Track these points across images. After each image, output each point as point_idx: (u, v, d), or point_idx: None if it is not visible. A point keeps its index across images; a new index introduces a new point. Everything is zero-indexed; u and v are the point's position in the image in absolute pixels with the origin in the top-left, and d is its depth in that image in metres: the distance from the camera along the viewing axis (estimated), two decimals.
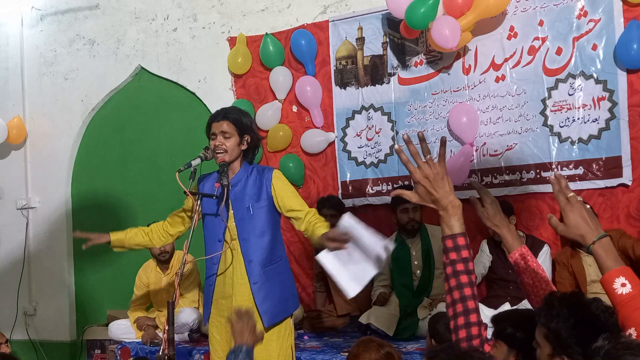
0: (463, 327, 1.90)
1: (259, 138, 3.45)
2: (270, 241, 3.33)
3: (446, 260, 1.97)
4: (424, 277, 4.82)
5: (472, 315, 1.91)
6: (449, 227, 1.97)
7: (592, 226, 1.90)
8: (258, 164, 3.52)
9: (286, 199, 3.30)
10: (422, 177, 1.98)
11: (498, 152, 4.87)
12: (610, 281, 1.82)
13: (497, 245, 4.60)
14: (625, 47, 4.41)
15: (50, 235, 6.64)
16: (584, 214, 1.91)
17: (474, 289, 1.95)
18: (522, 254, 2.37)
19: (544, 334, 1.93)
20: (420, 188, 1.99)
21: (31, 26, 6.80)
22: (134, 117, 6.38)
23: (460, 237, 1.96)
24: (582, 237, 1.90)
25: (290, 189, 3.38)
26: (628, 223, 4.50)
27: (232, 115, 3.31)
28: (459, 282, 1.93)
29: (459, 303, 1.92)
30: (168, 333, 2.90)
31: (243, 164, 3.34)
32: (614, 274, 1.83)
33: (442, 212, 1.99)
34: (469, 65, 4.96)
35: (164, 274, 5.11)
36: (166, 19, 6.18)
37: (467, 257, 1.95)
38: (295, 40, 5.46)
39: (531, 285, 2.35)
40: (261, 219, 3.29)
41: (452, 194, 1.98)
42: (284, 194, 3.30)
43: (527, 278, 2.35)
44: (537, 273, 2.32)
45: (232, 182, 3.30)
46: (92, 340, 6.04)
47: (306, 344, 4.58)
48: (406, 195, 2.05)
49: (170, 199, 5.90)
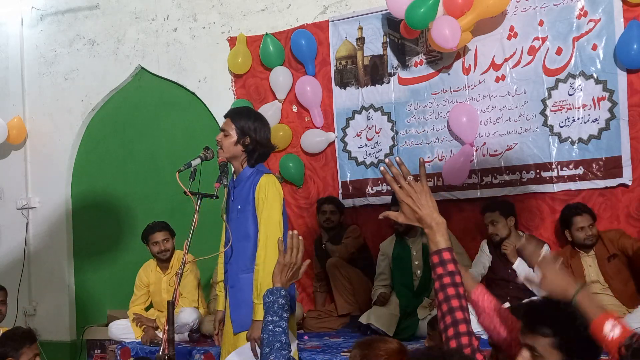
0: (453, 337, 1.94)
1: (261, 142, 3.26)
2: (253, 247, 3.17)
3: (434, 276, 2.02)
4: (424, 277, 4.81)
5: (460, 325, 1.94)
6: (435, 243, 2.02)
7: (568, 279, 1.98)
8: (263, 167, 3.35)
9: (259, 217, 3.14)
10: (405, 195, 2.04)
11: (498, 152, 4.87)
12: (599, 328, 1.85)
13: (496, 245, 4.60)
14: (625, 47, 4.41)
15: (50, 235, 6.64)
16: (558, 271, 2.00)
17: (462, 301, 1.98)
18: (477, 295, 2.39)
19: (551, 344, 1.93)
20: (405, 207, 2.05)
21: (31, 26, 6.80)
22: (134, 117, 6.38)
23: (445, 252, 2.01)
24: (564, 291, 1.96)
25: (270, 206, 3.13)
26: (628, 223, 4.50)
27: (235, 114, 3.30)
28: (447, 295, 1.97)
29: (448, 315, 1.96)
30: (168, 333, 2.90)
31: (246, 166, 3.30)
32: (602, 320, 1.86)
33: (427, 230, 2.04)
34: (469, 65, 4.96)
35: (164, 273, 5.10)
36: (166, 19, 6.18)
37: (453, 271, 1.99)
38: (295, 40, 5.46)
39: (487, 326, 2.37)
40: (245, 223, 3.21)
41: (436, 212, 2.03)
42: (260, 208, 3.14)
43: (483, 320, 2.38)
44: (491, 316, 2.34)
45: (235, 184, 3.30)
46: (92, 340, 6.03)
47: (306, 344, 4.58)
48: (392, 215, 2.11)
49: (170, 199, 5.92)
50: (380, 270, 5.06)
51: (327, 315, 5.18)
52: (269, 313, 2.36)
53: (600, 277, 4.32)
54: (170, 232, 5.02)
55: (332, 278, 5.15)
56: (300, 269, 2.50)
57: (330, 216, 5.23)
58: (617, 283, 4.29)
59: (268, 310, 2.38)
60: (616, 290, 4.27)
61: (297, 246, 2.47)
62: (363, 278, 5.15)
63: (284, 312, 2.36)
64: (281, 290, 2.41)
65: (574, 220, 4.33)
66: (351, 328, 4.98)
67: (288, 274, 2.46)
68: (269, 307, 2.38)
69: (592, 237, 4.31)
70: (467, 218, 5.01)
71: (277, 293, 2.40)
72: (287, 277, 2.46)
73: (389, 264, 4.99)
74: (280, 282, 2.45)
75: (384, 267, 5.03)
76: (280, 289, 2.42)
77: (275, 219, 3.14)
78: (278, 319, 2.34)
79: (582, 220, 4.31)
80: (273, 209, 3.14)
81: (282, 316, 2.35)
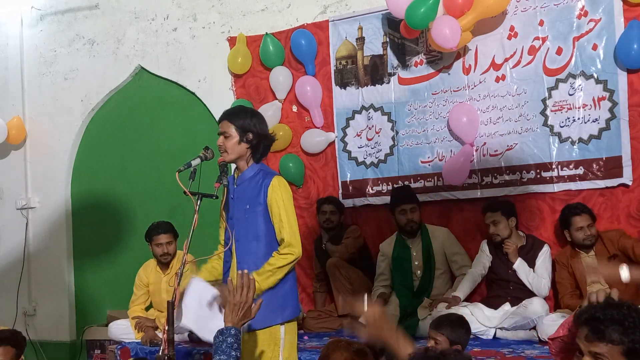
0: None
1: (263, 135, 3.27)
2: (265, 247, 3.18)
3: None
4: (424, 278, 4.82)
5: None
6: None
7: None
8: (267, 166, 3.38)
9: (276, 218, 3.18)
10: None
11: (498, 152, 4.87)
12: None
13: (497, 245, 4.60)
14: (625, 47, 4.40)
15: (50, 236, 6.64)
16: None
17: None
18: None
19: (621, 351, 1.86)
20: None
21: (31, 26, 6.79)
22: (134, 117, 6.38)
23: None
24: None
25: (284, 206, 3.18)
26: (628, 223, 4.50)
27: (231, 115, 3.29)
28: None
29: None
30: (168, 333, 2.89)
31: (251, 164, 3.27)
32: None
33: None
34: (469, 65, 4.96)
35: (164, 273, 5.10)
36: (166, 19, 6.18)
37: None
38: (295, 40, 5.45)
39: None
40: (255, 223, 3.20)
41: None
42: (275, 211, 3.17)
43: None
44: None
45: (237, 182, 3.29)
46: (92, 341, 6.04)
47: (306, 344, 4.58)
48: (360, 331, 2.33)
49: (170, 199, 5.92)
50: (380, 271, 5.06)
51: (327, 316, 5.18)
52: (217, 353, 2.37)
53: (600, 278, 4.30)
54: (174, 234, 5.02)
55: (332, 278, 5.15)
56: (252, 307, 2.50)
57: (330, 216, 5.23)
58: (617, 284, 4.27)
59: (216, 349, 2.38)
60: None
61: (248, 285, 2.48)
62: (363, 278, 5.15)
63: (232, 351, 2.36)
64: (231, 330, 2.41)
65: (573, 220, 4.33)
66: None
67: (239, 313, 2.46)
68: (217, 347, 2.39)
69: (590, 237, 4.30)
70: (467, 218, 5.01)
71: (227, 332, 2.40)
72: (238, 317, 2.46)
73: (389, 264, 4.99)
74: (231, 321, 2.45)
75: (384, 267, 5.03)
76: (230, 328, 2.42)
77: (294, 217, 3.23)
78: (225, 357, 2.34)
79: (581, 220, 4.31)
80: (288, 209, 3.20)
81: (230, 354, 2.35)
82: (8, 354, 3.63)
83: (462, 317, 3.55)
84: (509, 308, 4.41)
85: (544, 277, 4.46)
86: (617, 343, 1.87)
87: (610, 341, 1.88)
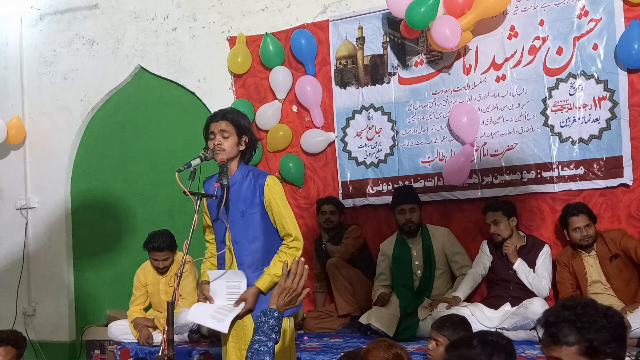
0: None
1: (257, 139, 3.42)
2: (263, 246, 3.27)
3: None
4: (424, 278, 4.81)
5: None
6: None
7: None
8: (254, 167, 3.48)
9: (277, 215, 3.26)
10: None
11: (499, 152, 4.86)
12: None
13: (497, 245, 4.59)
14: (626, 47, 4.40)
15: (50, 236, 6.63)
16: None
17: None
18: None
19: (578, 351, 1.84)
20: None
21: (30, 26, 6.78)
22: (134, 117, 6.37)
23: None
24: None
25: (283, 203, 3.29)
26: (629, 223, 4.49)
27: (230, 115, 3.31)
28: None
29: None
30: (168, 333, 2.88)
31: (240, 165, 3.33)
32: None
33: None
34: (469, 65, 4.95)
35: (162, 275, 5.09)
36: (166, 19, 6.17)
37: None
38: (295, 39, 5.45)
39: None
40: (253, 224, 3.26)
41: None
42: (276, 209, 3.25)
43: None
44: None
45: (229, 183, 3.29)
46: (92, 341, 6.03)
47: (306, 344, 4.57)
48: None
49: (170, 199, 5.91)
50: (380, 271, 5.05)
51: (327, 316, 5.17)
52: (257, 332, 2.37)
53: (602, 277, 4.30)
54: (172, 249, 4.95)
55: (332, 278, 5.14)
56: (299, 296, 2.51)
57: (330, 216, 5.22)
58: (618, 283, 4.28)
59: (257, 329, 2.38)
60: (618, 290, 4.26)
61: (301, 273, 2.49)
62: (363, 278, 5.14)
63: (272, 334, 2.36)
64: (274, 312, 2.42)
65: (570, 220, 4.33)
66: (351, 328, 4.97)
67: (286, 299, 2.47)
68: (258, 327, 2.39)
69: (587, 238, 4.29)
70: (468, 218, 5.00)
71: (270, 314, 2.41)
72: (284, 302, 2.47)
73: (389, 264, 4.98)
74: (276, 304, 2.46)
75: (384, 267, 5.03)
76: (274, 311, 2.43)
77: (292, 211, 3.34)
78: (265, 338, 2.34)
79: (578, 220, 4.30)
80: (286, 206, 3.31)
81: (270, 337, 2.35)
82: (9, 354, 3.63)
83: (464, 319, 3.55)
84: (510, 308, 4.40)
85: (545, 278, 4.45)
86: (572, 344, 1.84)
87: (565, 343, 1.85)
